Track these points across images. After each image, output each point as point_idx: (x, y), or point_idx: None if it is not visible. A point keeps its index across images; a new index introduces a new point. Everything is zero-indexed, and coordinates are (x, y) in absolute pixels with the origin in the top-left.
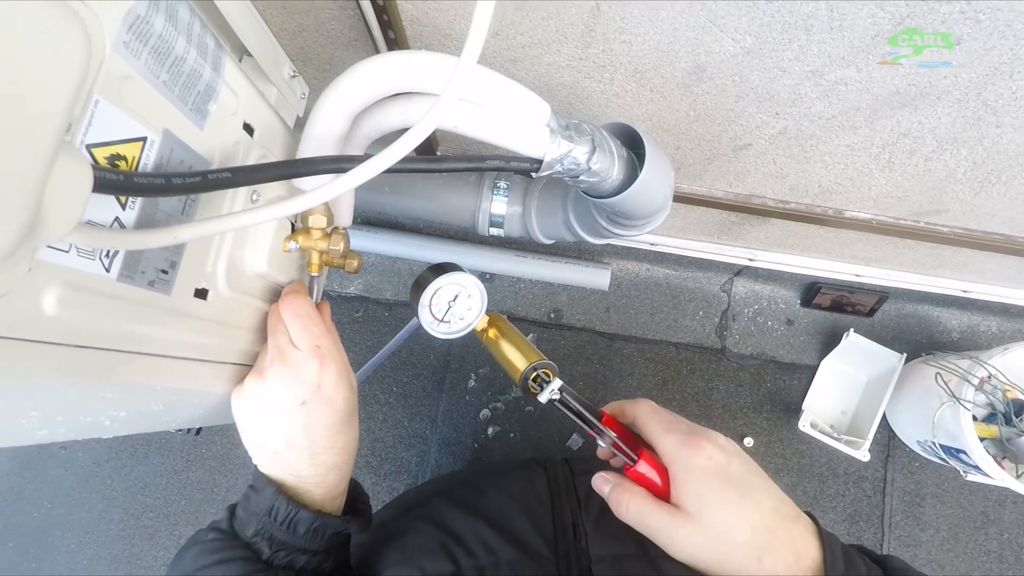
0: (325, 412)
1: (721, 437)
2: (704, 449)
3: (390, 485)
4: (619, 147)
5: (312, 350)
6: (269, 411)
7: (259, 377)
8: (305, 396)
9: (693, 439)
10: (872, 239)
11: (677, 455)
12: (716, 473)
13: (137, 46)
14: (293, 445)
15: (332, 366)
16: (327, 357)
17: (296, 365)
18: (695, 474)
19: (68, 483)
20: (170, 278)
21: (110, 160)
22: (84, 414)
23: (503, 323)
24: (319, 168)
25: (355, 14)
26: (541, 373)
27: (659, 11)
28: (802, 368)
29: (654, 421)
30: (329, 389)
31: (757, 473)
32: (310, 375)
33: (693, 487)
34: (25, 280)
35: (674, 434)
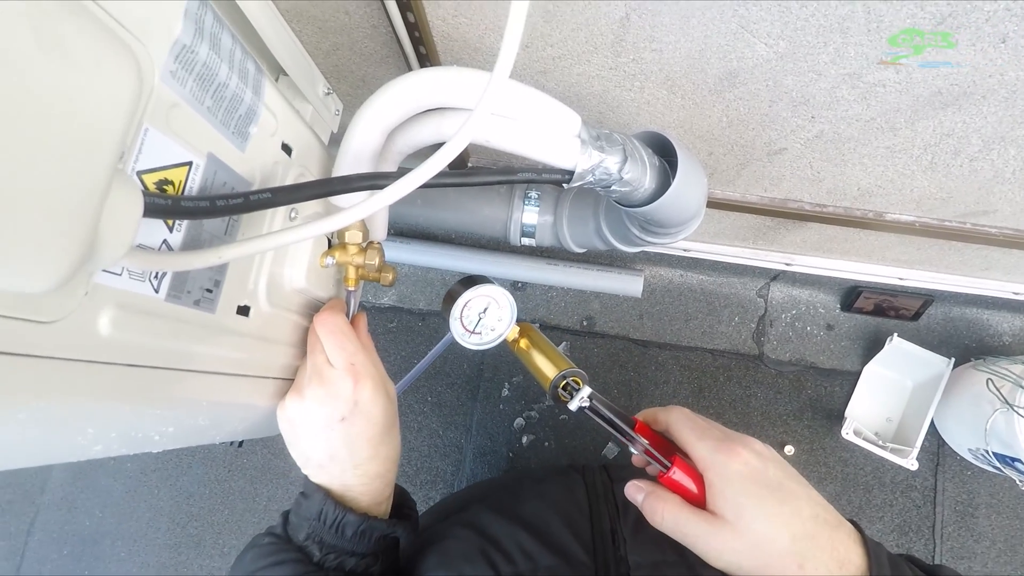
0: (365, 426)
1: (757, 442)
2: (740, 455)
3: (426, 495)
4: (651, 156)
5: (347, 368)
6: (310, 428)
7: (298, 395)
8: (344, 413)
9: (728, 445)
10: (915, 241)
11: (712, 461)
12: (753, 479)
13: (183, 74)
14: (336, 459)
15: (368, 382)
16: (362, 374)
17: (332, 383)
18: (732, 480)
19: (118, 493)
20: (214, 296)
21: (159, 185)
22: (136, 430)
23: (534, 333)
24: (355, 186)
25: (387, 32)
26: (571, 381)
27: (689, 19)
28: (844, 374)
29: (688, 427)
30: (366, 404)
31: (795, 479)
32: (346, 393)
33: (730, 493)
34: (82, 303)
35: (708, 440)
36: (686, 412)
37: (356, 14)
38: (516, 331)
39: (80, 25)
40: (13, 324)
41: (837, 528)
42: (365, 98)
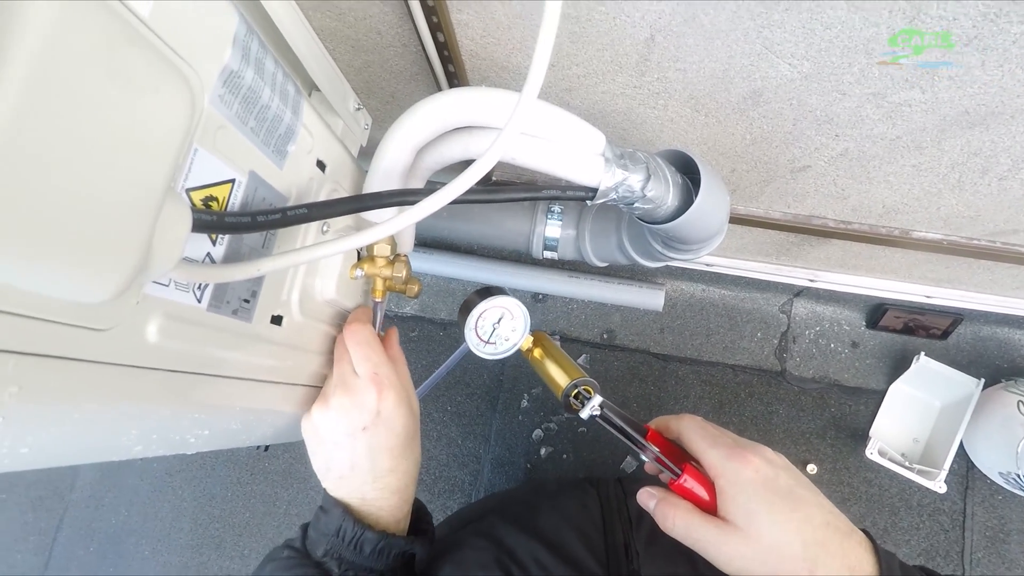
0: (386, 437)
1: (768, 450)
2: (751, 462)
3: (444, 504)
4: (674, 173)
5: (371, 378)
6: (333, 436)
7: (324, 404)
8: (366, 422)
9: (739, 452)
10: (943, 259)
11: (723, 468)
12: (764, 486)
13: (230, 98)
14: (357, 469)
15: (391, 393)
16: (385, 384)
17: (356, 392)
18: (743, 487)
19: (144, 492)
20: (251, 306)
21: (205, 201)
22: (175, 432)
23: (547, 342)
24: (386, 202)
25: (418, 50)
26: (582, 390)
27: (714, 40)
28: (869, 393)
29: (699, 435)
30: (389, 415)
31: (807, 486)
32: (370, 402)
33: (741, 500)
34: (133, 312)
35: (720, 447)
36: (698, 420)
37: (388, 34)
38: (530, 340)
39: (143, 54)
40: (73, 331)
41: (848, 535)
42: (394, 113)
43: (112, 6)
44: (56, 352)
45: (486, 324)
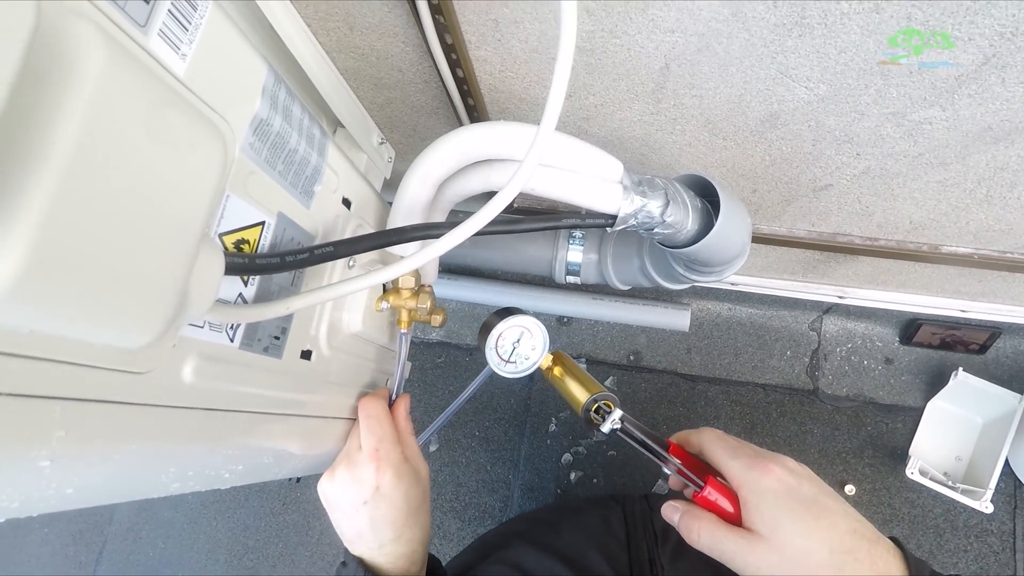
0: (387, 510)
1: (789, 460)
2: (773, 471)
3: (474, 531)
4: (693, 198)
5: (371, 453)
6: (339, 507)
7: (331, 475)
8: (366, 496)
9: (760, 462)
10: (976, 273)
11: (745, 478)
12: (787, 495)
13: (259, 145)
14: (363, 538)
15: (389, 469)
16: (384, 460)
17: (356, 467)
18: (766, 496)
19: (180, 524)
20: (281, 343)
21: (236, 244)
22: (210, 469)
23: (567, 360)
24: (410, 236)
25: (438, 86)
26: (602, 404)
27: (728, 67)
28: (906, 410)
29: (719, 446)
30: (387, 490)
31: (830, 494)
32: (368, 477)
33: (765, 509)
34: (171, 355)
35: (741, 458)
36: (718, 432)
37: (409, 72)
38: (549, 359)
39: (181, 113)
40: (115, 375)
41: (875, 543)
42: (416, 145)
43: (152, 67)
44: (99, 396)
45: (506, 343)
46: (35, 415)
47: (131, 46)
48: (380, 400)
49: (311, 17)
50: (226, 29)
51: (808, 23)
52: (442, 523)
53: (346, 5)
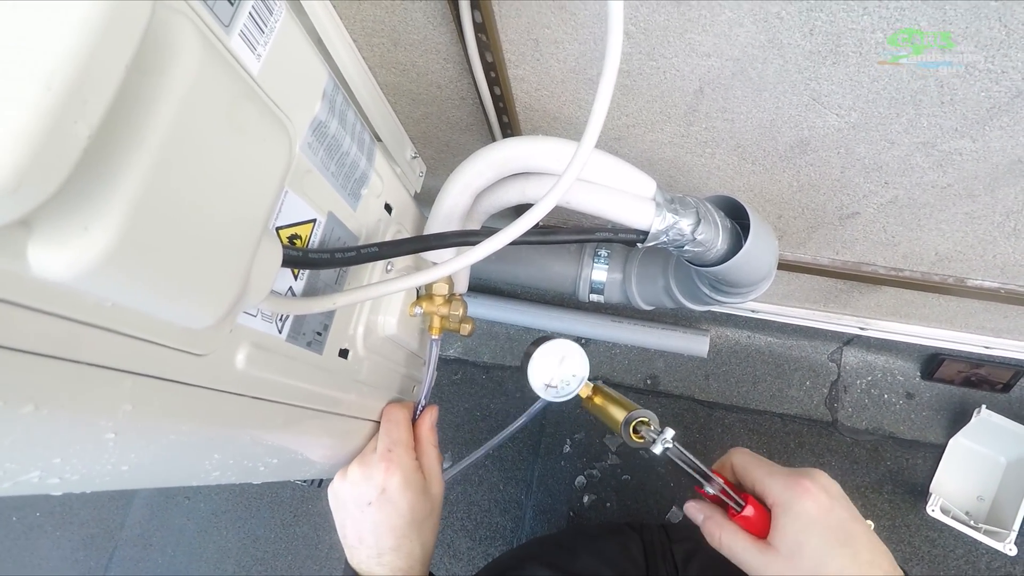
0: (390, 515)
1: (824, 475)
2: (809, 491)
3: (485, 551)
4: (723, 218)
5: (383, 454)
6: (346, 506)
7: (343, 472)
8: (371, 497)
9: (798, 480)
10: (1002, 309)
11: (781, 497)
12: (819, 519)
13: (316, 145)
14: (364, 542)
15: (398, 472)
16: (395, 463)
17: (368, 466)
18: (799, 518)
19: (190, 532)
20: (323, 339)
21: (290, 239)
22: (249, 459)
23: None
24: (449, 242)
25: (474, 103)
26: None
27: (762, 92)
28: (926, 446)
29: (754, 465)
30: (393, 494)
31: (857, 519)
32: (377, 478)
33: (792, 531)
34: (227, 340)
35: (777, 476)
36: (747, 451)
37: (448, 88)
38: (589, 388)
39: (255, 108)
40: (178, 355)
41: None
42: (448, 161)
43: (233, 64)
44: (164, 374)
45: (550, 367)
46: (108, 386)
47: (217, 43)
48: (403, 408)
49: (357, 32)
50: (295, 34)
51: (843, 51)
52: (453, 542)
53: (392, 22)
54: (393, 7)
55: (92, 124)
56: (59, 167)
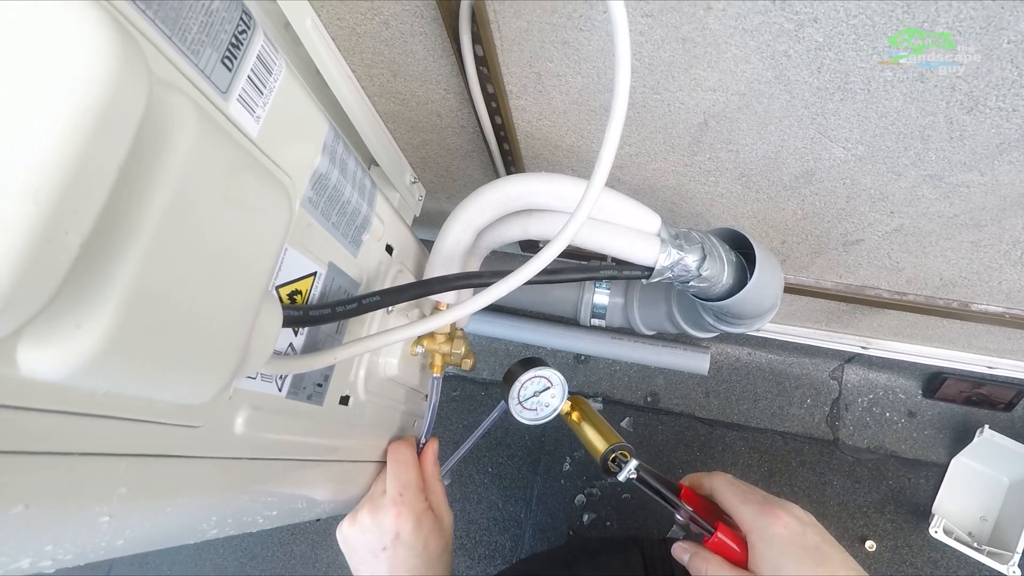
0: (407, 558)
1: (796, 507)
2: (781, 518)
3: (484, 569)
4: (728, 252)
5: (394, 498)
6: (357, 552)
7: (353, 518)
8: (385, 543)
9: (769, 508)
10: (1006, 332)
11: (755, 524)
12: (793, 542)
13: (317, 198)
14: None
15: (410, 516)
16: (406, 506)
17: (379, 511)
18: (773, 543)
19: (187, 550)
20: (323, 390)
21: (290, 296)
22: (247, 515)
23: (585, 406)
24: (452, 285)
25: (475, 131)
26: (620, 455)
27: (767, 125)
28: (929, 466)
29: (731, 491)
30: (407, 537)
31: (832, 544)
32: (389, 524)
33: (770, 555)
34: (225, 407)
35: (751, 504)
36: (728, 477)
37: (447, 116)
38: (568, 405)
39: (255, 177)
40: (173, 430)
41: None
42: (447, 186)
43: (231, 132)
44: (159, 451)
45: (528, 392)
46: (102, 473)
47: (214, 113)
48: (409, 446)
49: (356, 63)
50: (295, 90)
51: (851, 88)
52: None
53: (392, 54)
54: (393, 40)
55: (84, 232)
56: (49, 283)
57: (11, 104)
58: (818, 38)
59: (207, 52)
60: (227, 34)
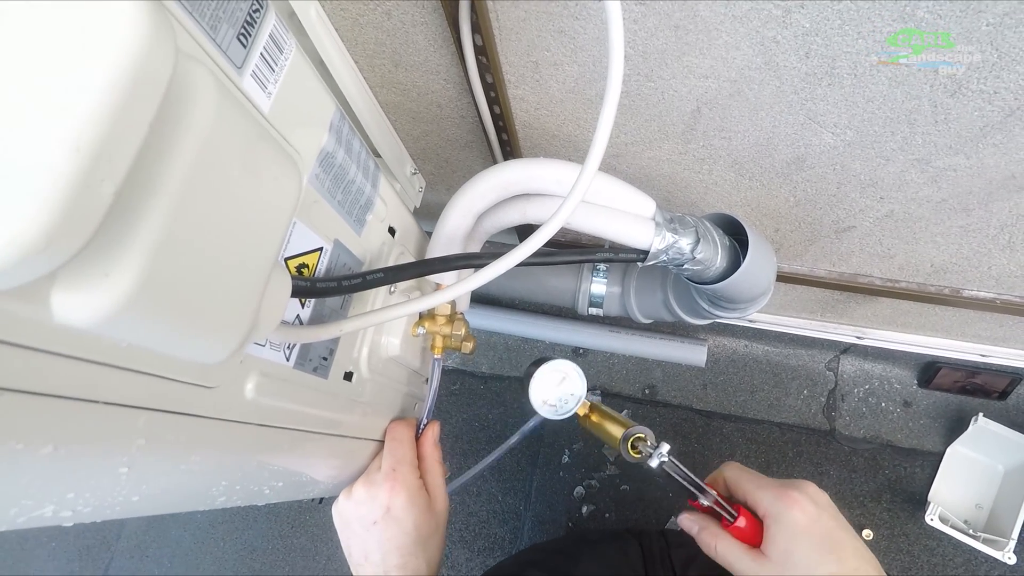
0: (396, 533)
1: (812, 486)
2: (797, 502)
3: (483, 561)
4: (721, 236)
5: (388, 473)
6: (351, 525)
7: (348, 492)
8: (376, 516)
9: (786, 491)
10: (997, 318)
11: (772, 508)
12: (808, 528)
13: (323, 176)
14: (370, 560)
15: (403, 491)
16: (399, 482)
17: (373, 485)
18: (788, 526)
19: (187, 543)
20: (328, 364)
21: (298, 268)
22: (255, 483)
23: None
24: (453, 265)
25: (474, 121)
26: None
27: (759, 111)
28: (924, 454)
29: (745, 478)
30: (398, 512)
31: (846, 529)
32: (382, 497)
33: (782, 540)
34: (237, 371)
35: (768, 488)
36: (739, 465)
37: (447, 107)
38: (586, 406)
39: (268, 148)
40: (190, 389)
41: None
42: (447, 176)
43: (245, 105)
44: (176, 408)
45: (549, 387)
46: (123, 423)
47: (230, 86)
48: (408, 426)
49: (359, 54)
50: (304, 69)
51: (838, 74)
52: (450, 553)
53: (394, 44)
54: (395, 30)
55: (117, 181)
56: (86, 225)
57: (58, 63)
58: (805, 24)
59: (224, 28)
60: (242, 12)
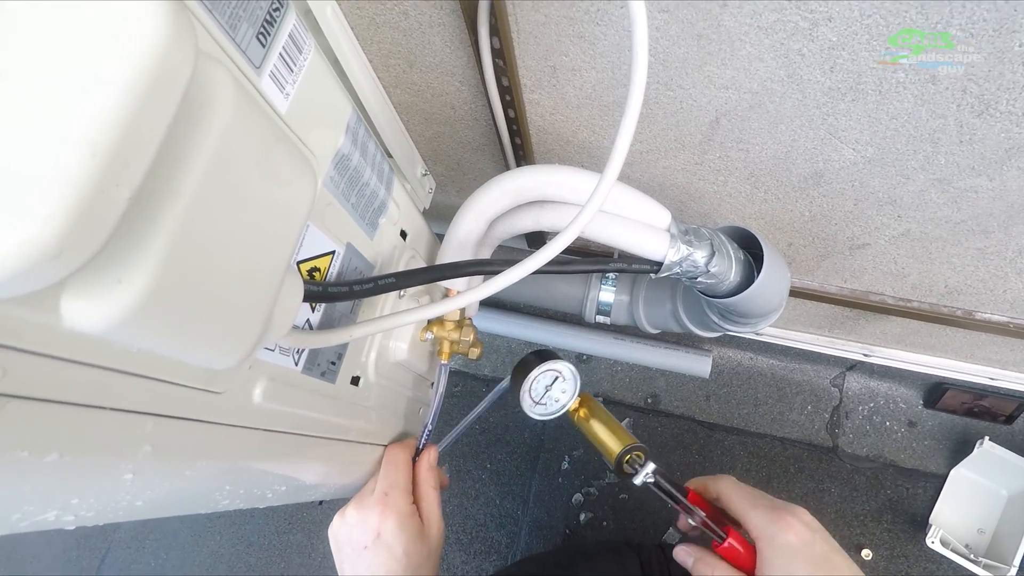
0: (386, 560)
1: (805, 512)
2: (791, 526)
3: (479, 565)
4: (736, 250)
5: (380, 498)
6: (342, 549)
7: (342, 514)
8: (366, 541)
9: (780, 515)
10: (1010, 342)
11: (764, 531)
12: (802, 552)
13: (338, 178)
14: None
15: (393, 517)
16: (390, 507)
17: (365, 509)
18: (782, 551)
19: (184, 536)
20: (336, 369)
21: (310, 272)
22: (259, 488)
23: (593, 403)
24: (464, 271)
25: (487, 124)
26: (634, 456)
27: (778, 124)
28: (927, 476)
29: (739, 496)
30: (388, 538)
31: (839, 553)
32: (372, 521)
33: (778, 564)
34: (245, 376)
35: (761, 509)
36: (734, 480)
37: (461, 109)
38: (577, 401)
39: (284, 150)
40: (198, 394)
41: None
42: (458, 179)
43: (263, 106)
44: (183, 414)
45: (539, 386)
46: (130, 429)
47: (248, 87)
48: (404, 449)
49: (374, 53)
50: (322, 70)
51: (863, 89)
52: (447, 556)
53: (410, 45)
54: (411, 30)
55: (134, 187)
56: (100, 232)
57: (75, 64)
58: (832, 37)
59: (243, 27)
60: (262, 11)
